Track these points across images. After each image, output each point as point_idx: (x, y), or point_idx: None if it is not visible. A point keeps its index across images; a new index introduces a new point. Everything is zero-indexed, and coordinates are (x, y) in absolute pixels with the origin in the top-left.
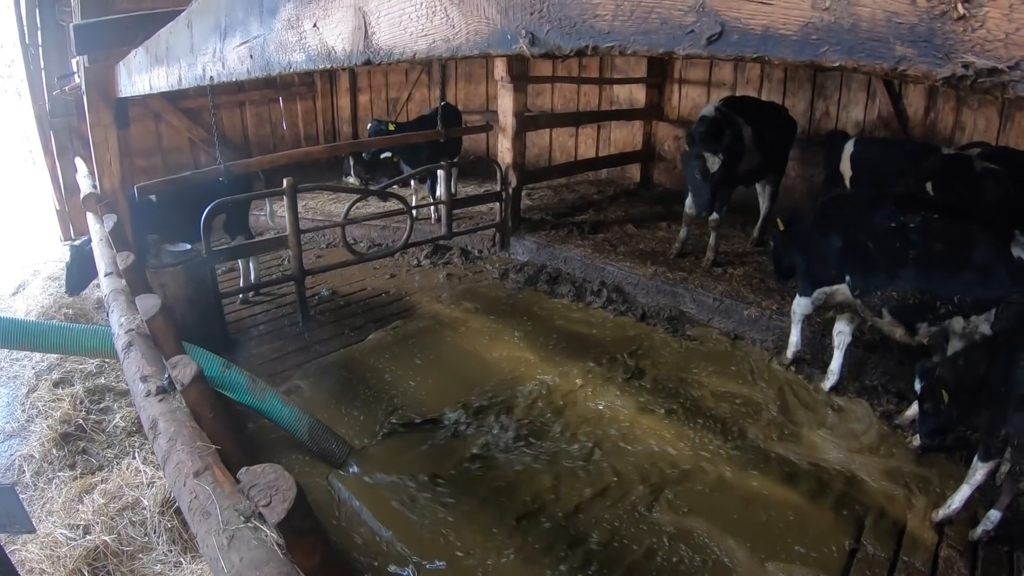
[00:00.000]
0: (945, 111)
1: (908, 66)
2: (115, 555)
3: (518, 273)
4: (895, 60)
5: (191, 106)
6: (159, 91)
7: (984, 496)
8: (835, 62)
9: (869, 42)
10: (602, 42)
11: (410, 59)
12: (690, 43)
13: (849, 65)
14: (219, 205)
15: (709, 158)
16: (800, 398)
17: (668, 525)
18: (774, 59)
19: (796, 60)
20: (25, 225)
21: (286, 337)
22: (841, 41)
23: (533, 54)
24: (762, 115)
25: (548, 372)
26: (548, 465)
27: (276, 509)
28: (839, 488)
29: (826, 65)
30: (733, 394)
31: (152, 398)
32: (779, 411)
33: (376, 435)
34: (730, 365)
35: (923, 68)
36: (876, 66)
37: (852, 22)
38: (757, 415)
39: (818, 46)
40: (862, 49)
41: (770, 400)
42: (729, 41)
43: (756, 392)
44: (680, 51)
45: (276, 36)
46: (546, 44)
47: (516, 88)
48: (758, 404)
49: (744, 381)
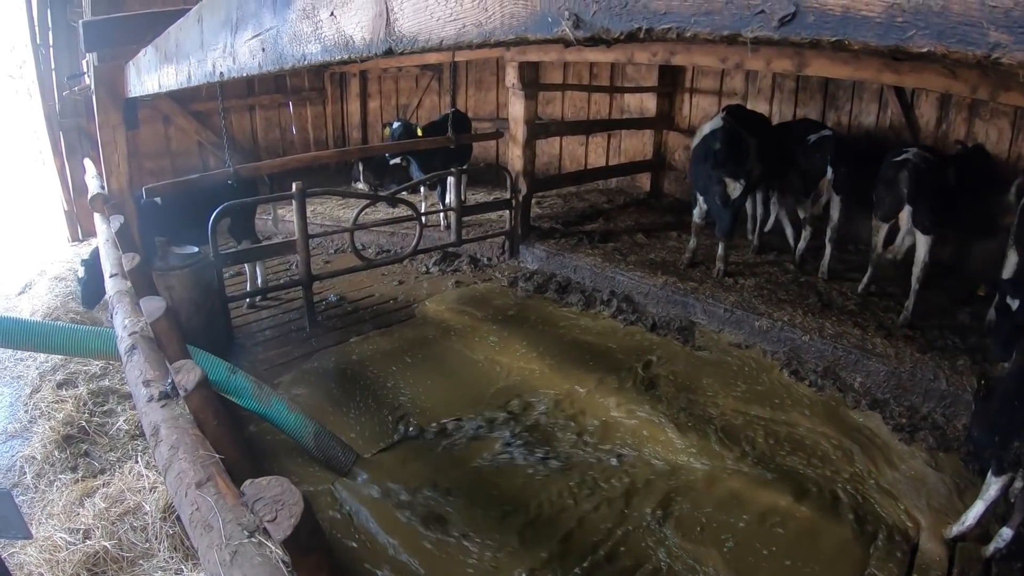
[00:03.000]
0: (957, 122)
1: (1003, 54)
2: (115, 561)
3: (527, 281)
4: (989, 47)
5: (200, 109)
6: (168, 90)
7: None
8: (923, 47)
9: (961, 26)
10: (657, 24)
11: (436, 47)
12: (759, 25)
13: (939, 51)
14: (225, 208)
15: (731, 184)
16: (816, 411)
17: (678, 540)
18: (854, 43)
19: (879, 44)
20: (33, 225)
21: (293, 342)
22: (930, 25)
23: (577, 38)
24: (761, 126)
25: (558, 381)
26: (557, 476)
27: (282, 525)
28: (851, 502)
29: (912, 51)
30: (745, 406)
31: (154, 403)
32: (791, 423)
33: (383, 443)
34: (742, 377)
35: (1019, 56)
36: (968, 53)
37: (942, 4)
38: (769, 428)
39: (904, 29)
40: (953, 34)
41: (783, 413)
42: (804, 23)
43: (770, 405)
44: (748, 34)
45: (290, 27)
46: (592, 27)
47: (527, 95)
48: (771, 417)
49: (756, 394)
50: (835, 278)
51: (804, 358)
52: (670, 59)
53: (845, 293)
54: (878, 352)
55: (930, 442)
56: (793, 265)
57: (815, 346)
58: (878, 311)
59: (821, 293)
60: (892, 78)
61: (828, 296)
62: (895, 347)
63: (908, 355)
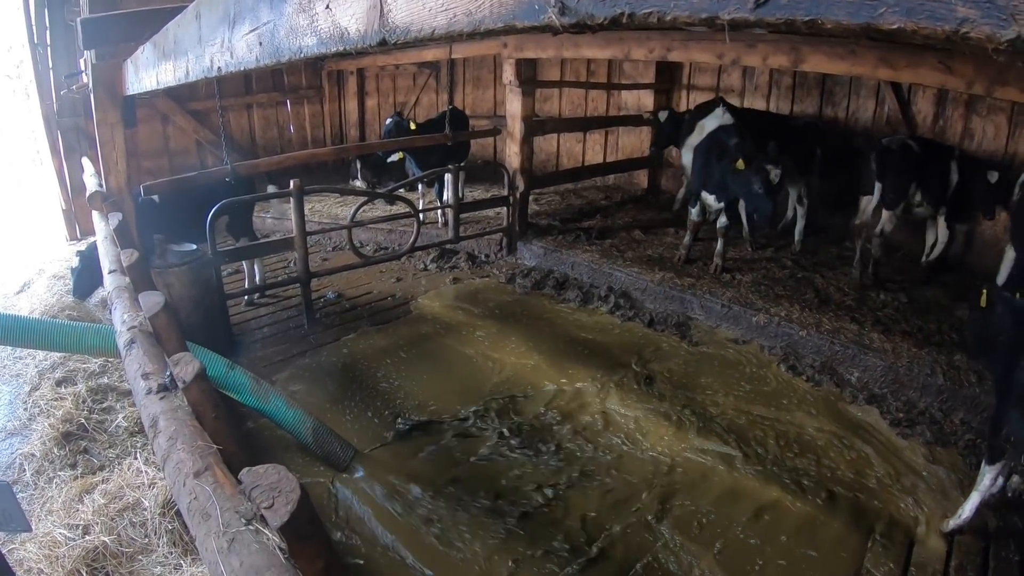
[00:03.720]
0: (954, 118)
1: (971, 28)
2: (114, 556)
3: (525, 278)
4: (957, 22)
5: (199, 108)
6: (166, 86)
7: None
8: (893, 24)
9: (929, 2)
10: (639, 8)
11: (428, 37)
12: (736, 7)
13: (908, 28)
14: (224, 206)
15: (772, 170)
16: (813, 406)
17: (674, 535)
18: (827, 22)
19: (851, 23)
20: (31, 224)
21: (291, 339)
22: (899, 2)
23: (563, 24)
24: (751, 116)
25: (555, 377)
26: (555, 471)
27: (279, 512)
28: (849, 497)
29: (883, 28)
30: (743, 403)
31: (153, 396)
32: (789, 418)
33: (381, 439)
34: (739, 372)
35: (986, 30)
36: (937, 28)
37: None
38: (768, 424)
39: (875, 7)
40: (922, 11)
41: (782, 408)
42: (778, 3)
43: (768, 401)
44: (725, 15)
45: (287, 21)
46: (577, 12)
47: (524, 92)
48: (769, 413)
49: (754, 390)
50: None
51: (801, 353)
52: (667, 55)
53: (842, 288)
54: (875, 347)
55: (928, 436)
56: (793, 254)
57: (812, 341)
58: (875, 307)
59: (818, 289)
60: (888, 73)
61: (825, 291)
62: (892, 342)
63: (905, 350)
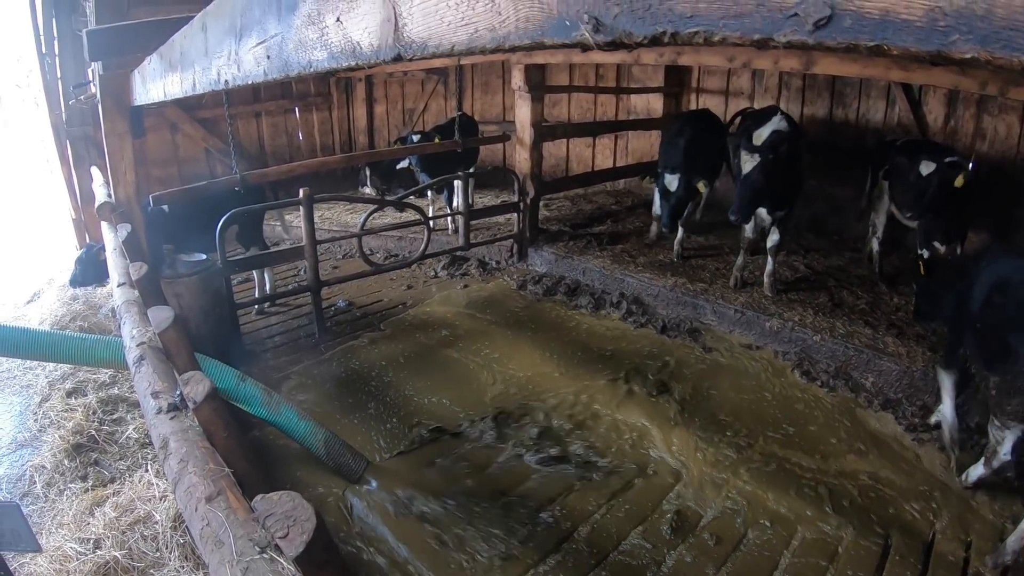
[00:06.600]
0: (965, 118)
1: None
2: (125, 571)
3: (536, 284)
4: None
5: (207, 116)
6: (173, 98)
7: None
8: (966, 53)
9: (1006, 31)
10: (683, 27)
11: (447, 52)
12: (792, 28)
13: (982, 57)
14: (233, 215)
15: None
16: (828, 413)
17: (688, 550)
18: (894, 48)
19: (920, 50)
20: (41, 234)
21: (302, 348)
22: (973, 29)
23: (598, 43)
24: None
25: (569, 385)
26: (570, 481)
27: (295, 542)
28: (864, 505)
29: (955, 57)
30: (758, 408)
31: (163, 416)
32: (804, 426)
33: (394, 449)
34: (754, 379)
35: None
36: (1013, 59)
37: (986, 7)
38: (783, 430)
39: (946, 34)
40: (997, 39)
41: (794, 413)
42: (840, 26)
43: (784, 408)
44: (780, 38)
45: (295, 34)
46: (614, 31)
47: (534, 98)
48: (783, 418)
49: (769, 396)
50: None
51: (816, 359)
52: (677, 59)
53: (855, 292)
54: (890, 352)
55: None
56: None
57: (826, 346)
58: (888, 311)
59: (832, 292)
60: (900, 75)
61: (839, 296)
62: (907, 346)
63: (920, 354)
